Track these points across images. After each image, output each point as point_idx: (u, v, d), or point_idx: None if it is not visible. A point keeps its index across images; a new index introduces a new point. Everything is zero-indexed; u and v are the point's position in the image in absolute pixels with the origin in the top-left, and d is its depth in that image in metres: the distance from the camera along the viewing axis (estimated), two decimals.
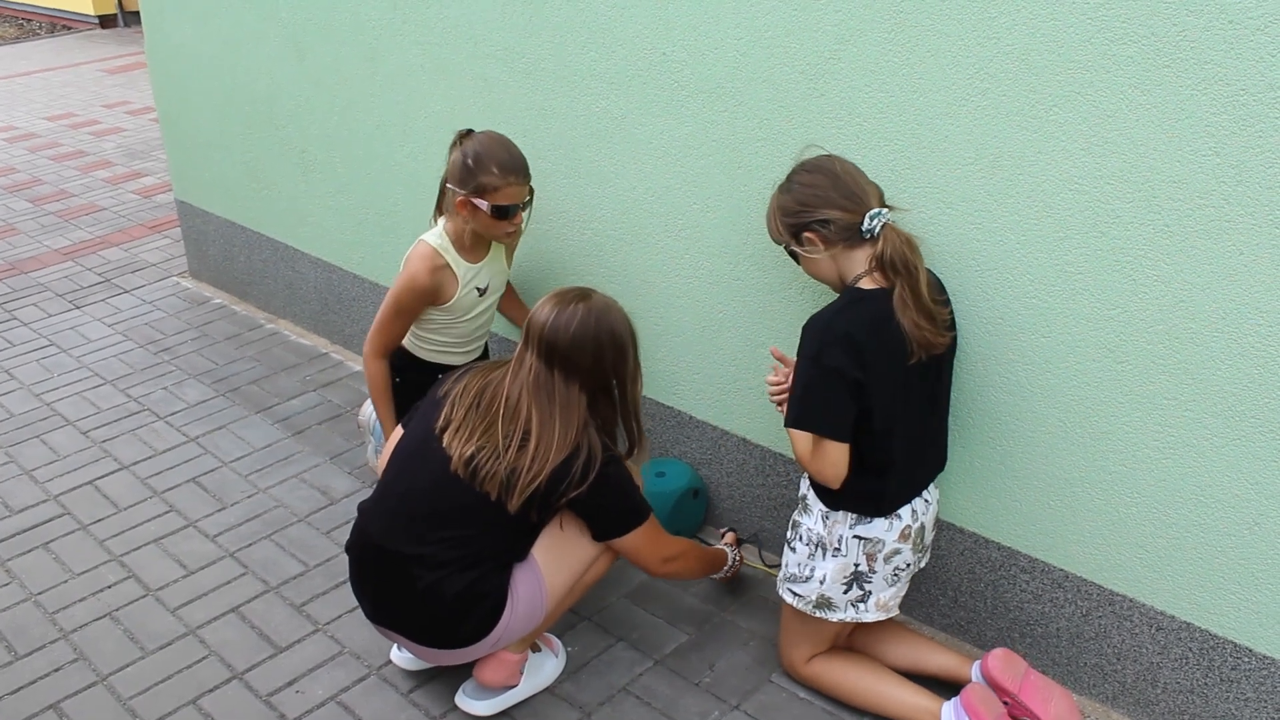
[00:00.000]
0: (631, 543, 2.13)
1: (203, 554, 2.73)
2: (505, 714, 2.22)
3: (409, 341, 2.72)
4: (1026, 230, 1.95)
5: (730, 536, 2.58)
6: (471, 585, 2.03)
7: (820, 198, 1.93)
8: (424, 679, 2.32)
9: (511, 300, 2.89)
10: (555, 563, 2.13)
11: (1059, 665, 2.23)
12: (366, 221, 3.44)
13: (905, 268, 1.90)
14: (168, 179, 5.61)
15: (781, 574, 2.19)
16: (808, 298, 2.32)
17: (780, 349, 2.20)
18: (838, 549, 2.07)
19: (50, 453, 3.19)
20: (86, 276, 4.48)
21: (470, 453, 2.01)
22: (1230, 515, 1.90)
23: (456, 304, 2.63)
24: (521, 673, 2.23)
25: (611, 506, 2.10)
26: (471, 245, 2.59)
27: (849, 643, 2.28)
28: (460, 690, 2.23)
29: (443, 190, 2.56)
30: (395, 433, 2.29)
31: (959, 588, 2.33)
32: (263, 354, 3.78)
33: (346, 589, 2.57)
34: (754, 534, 2.69)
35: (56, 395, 3.52)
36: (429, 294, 2.57)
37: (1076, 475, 2.06)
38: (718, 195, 2.40)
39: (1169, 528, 1.98)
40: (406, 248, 2.64)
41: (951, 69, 1.95)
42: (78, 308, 4.19)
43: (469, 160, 2.41)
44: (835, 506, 2.05)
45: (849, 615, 2.11)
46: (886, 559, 2.06)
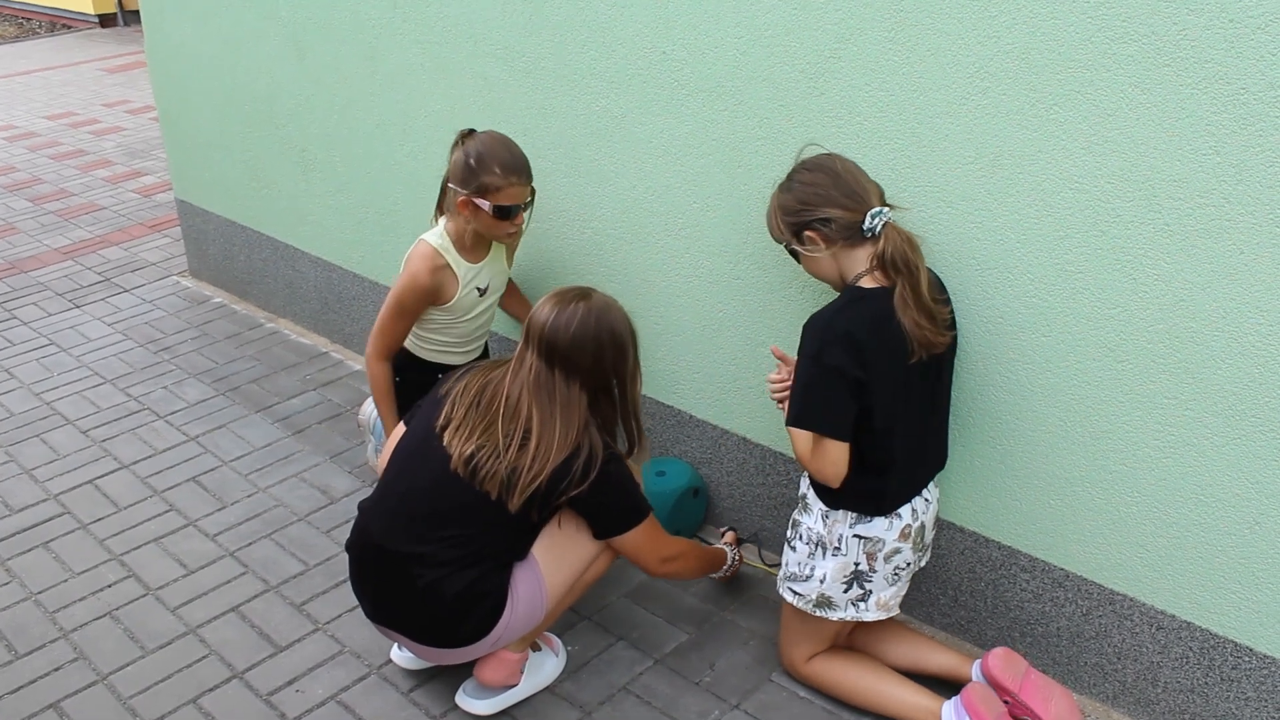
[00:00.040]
0: (631, 541, 2.13)
1: (203, 553, 2.73)
2: (505, 713, 2.22)
3: (409, 341, 2.72)
4: (1027, 229, 1.95)
5: (730, 536, 2.58)
6: (472, 585, 2.03)
7: (821, 196, 1.93)
8: (424, 678, 2.32)
9: (514, 297, 2.89)
10: (555, 562, 2.13)
11: (1059, 664, 2.23)
12: (366, 220, 3.43)
13: (906, 266, 1.90)
14: (168, 178, 5.61)
15: (782, 573, 2.19)
16: (808, 297, 2.32)
17: (780, 348, 2.20)
18: (838, 548, 2.06)
19: (50, 452, 3.19)
20: (86, 275, 4.48)
21: (470, 451, 2.01)
22: (1231, 514, 1.90)
23: (457, 304, 2.63)
24: (522, 672, 2.23)
25: (612, 505, 2.10)
26: (472, 245, 2.59)
27: (849, 642, 2.28)
28: (460, 689, 2.23)
29: (444, 190, 2.56)
30: (396, 431, 2.29)
31: (959, 587, 2.33)
32: (263, 353, 3.78)
33: (346, 588, 2.57)
34: (754, 533, 2.68)
35: (56, 394, 3.52)
36: (430, 294, 2.57)
37: (1077, 474, 2.06)
38: (718, 194, 2.40)
39: (1169, 527, 1.97)
40: (406, 247, 2.64)
41: (952, 68, 1.94)
42: (78, 307, 4.18)
43: (471, 160, 2.41)
44: (835, 505, 2.05)
45: (849, 614, 2.11)
46: (887, 558, 2.06)
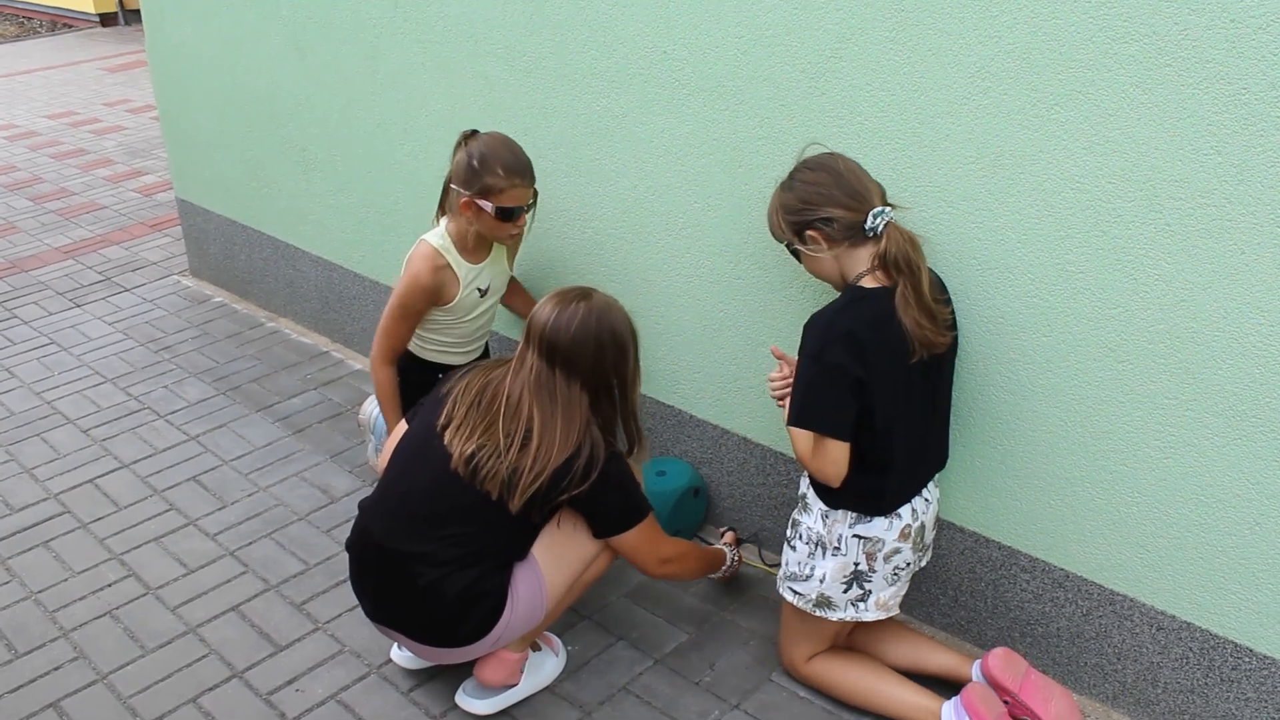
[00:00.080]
0: (630, 541, 2.13)
1: (203, 552, 2.73)
2: (505, 713, 2.21)
3: (410, 342, 2.72)
4: (1028, 229, 1.95)
5: (730, 536, 2.58)
6: (472, 585, 2.03)
7: (823, 196, 1.93)
8: (424, 678, 2.32)
9: (518, 294, 2.89)
10: (555, 561, 2.13)
11: (1059, 665, 2.23)
12: (367, 220, 3.43)
13: (908, 266, 1.90)
14: (168, 177, 5.61)
15: (781, 572, 2.19)
16: (809, 296, 2.31)
17: (781, 348, 2.19)
18: (837, 548, 2.06)
19: (50, 451, 3.19)
20: (87, 275, 4.48)
21: (471, 451, 2.00)
22: (1231, 515, 1.90)
23: (458, 304, 2.62)
24: (522, 672, 2.23)
25: (612, 504, 2.09)
26: (474, 246, 2.59)
27: (849, 642, 2.28)
28: (460, 689, 2.23)
29: (446, 190, 2.56)
30: (397, 430, 2.29)
31: (959, 587, 2.33)
32: (263, 352, 3.78)
33: (347, 587, 2.57)
34: (753, 533, 2.68)
35: (57, 393, 3.52)
36: (432, 293, 2.57)
37: (1077, 475, 2.06)
38: (718, 194, 2.40)
39: (1170, 527, 1.97)
40: (407, 246, 2.64)
41: (953, 67, 1.94)
42: (78, 306, 4.18)
43: (474, 161, 2.41)
44: (835, 505, 2.05)
45: (849, 614, 2.11)
46: (886, 558, 2.06)
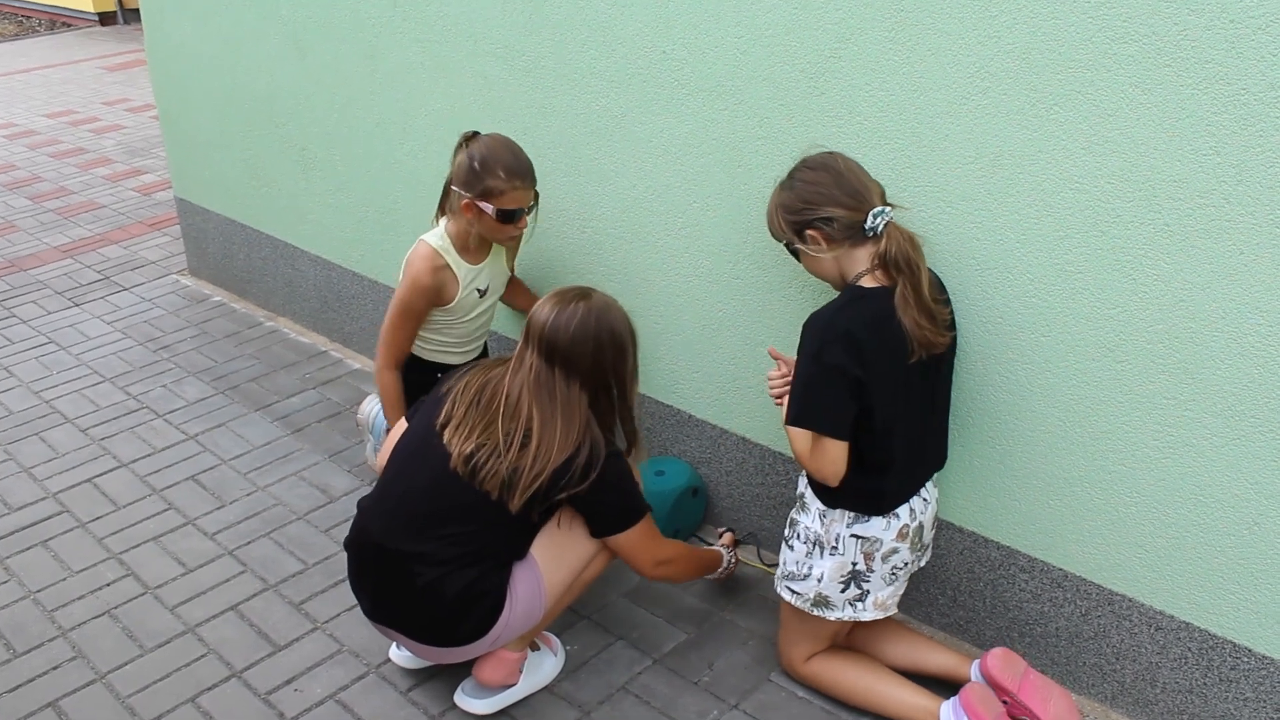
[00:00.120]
0: (627, 541, 2.13)
1: (201, 552, 2.73)
2: (504, 712, 2.21)
3: None
4: (1027, 229, 1.95)
5: (728, 537, 2.58)
6: (471, 584, 2.03)
7: (823, 195, 1.93)
8: (423, 677, 2.31)
9: (519, 291, 2.89)
10: (554, 561, 2.13)
11: (1058, 665, 2.23)
12: (366, 219, 3.43)
13: (908, 266, 1.90)
14: (167, 176, 5.61)
15: (780, 572, 2.19)
16: (808, 296, 2.31)
17: (780, 348, 2.19)
18: (835, 547, 2.06)
19: (49, 450, 3.19)
20: (86, 274, 4.48)
21: (470, 450, 2.00)
22: (1230, 515, 1.90)
23: (458, 305, 2.63)
24: (520, 671, 2.23)
25: (610, 504, 2.09)
26: (474, 247, 2.59)
27: (848, 641, 2.28)
28: (459, 689, 2.23)
29: (446, 191, 2.56)
30: (396, 429, 2.29)
31: (958, 587, 2.33)
32: (262, 352, 3.78)
33: (345, 587, 2.57)
34: (752, 533, 2.68)
35: (55, 393, 3.52)
36: (432, 294, 2.57)
37: (1076, 475, 2.06)
38: (718, 194, 2.40)
39: (1168, 527, 1.97)
40: (406, 246, 2.64)
41: (952, 68, 1.94)
42: (77, 305, 4.18)
43: (475, 163, 2.41)
44: (834, 505, 2.05)
45: (847, 614, 2.11)
46: (884, 558, 2.06)
